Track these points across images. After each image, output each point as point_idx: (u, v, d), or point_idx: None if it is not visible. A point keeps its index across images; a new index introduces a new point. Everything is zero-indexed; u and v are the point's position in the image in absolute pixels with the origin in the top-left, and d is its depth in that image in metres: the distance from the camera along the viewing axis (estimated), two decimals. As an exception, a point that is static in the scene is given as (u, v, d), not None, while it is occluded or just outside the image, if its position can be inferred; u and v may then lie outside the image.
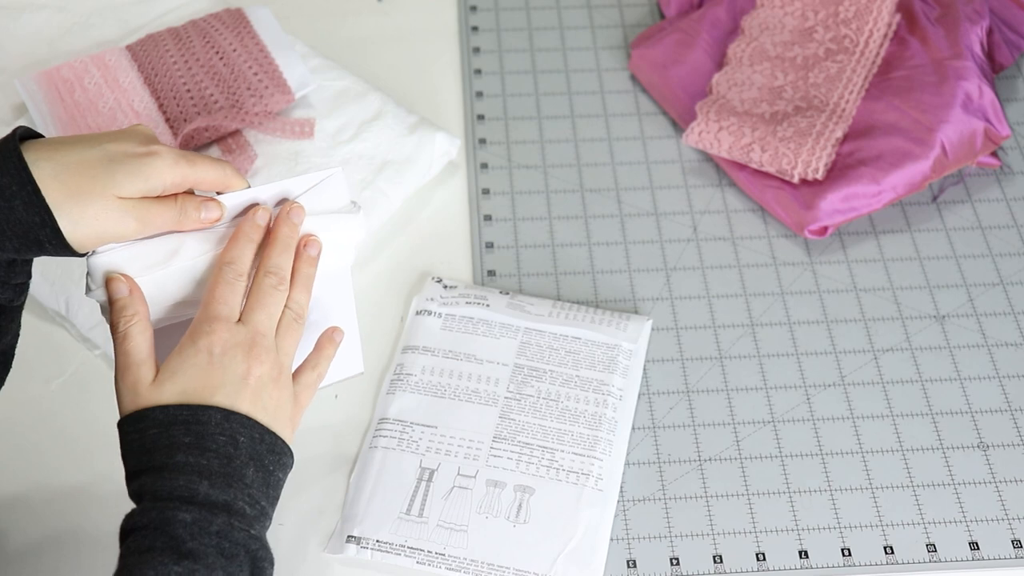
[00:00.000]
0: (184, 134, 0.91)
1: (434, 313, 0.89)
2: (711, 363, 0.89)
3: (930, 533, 0.80)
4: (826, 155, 0.95)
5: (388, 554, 0.77)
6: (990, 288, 0.94)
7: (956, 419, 0.86)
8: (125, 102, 0.94)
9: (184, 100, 0.93)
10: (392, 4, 1.14)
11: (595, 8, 1.14)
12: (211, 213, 0.66)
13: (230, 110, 0.92)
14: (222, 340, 0.63)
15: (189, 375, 0.62)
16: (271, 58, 0.96)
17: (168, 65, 0.95)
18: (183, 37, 0.97)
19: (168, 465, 0.60)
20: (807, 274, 0.94)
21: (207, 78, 0.94)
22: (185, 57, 0.96)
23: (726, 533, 0.80)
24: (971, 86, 0.97)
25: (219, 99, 0.93)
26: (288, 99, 0.95)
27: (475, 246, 0.95)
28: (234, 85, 0.94)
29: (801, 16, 1.06)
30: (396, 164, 0.95)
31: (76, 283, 0.88)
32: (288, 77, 0.95)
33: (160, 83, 0.95)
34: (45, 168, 0.61)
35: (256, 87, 0.94)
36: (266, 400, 0.64)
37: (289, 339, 0.67)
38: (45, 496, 0.81)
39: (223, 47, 0.96)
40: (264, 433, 0.63)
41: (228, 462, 0.60)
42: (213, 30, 0.98)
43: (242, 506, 0.60)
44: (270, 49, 0.97)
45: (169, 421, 0.61)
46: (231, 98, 0.93)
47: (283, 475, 0.65)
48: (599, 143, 1.03)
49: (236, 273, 0.66)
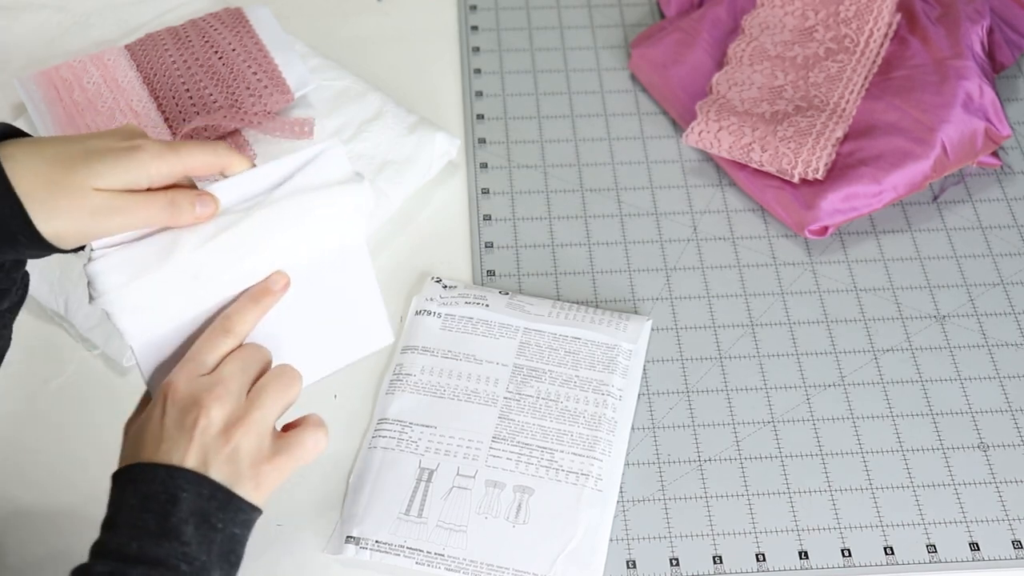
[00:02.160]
0: (182, 134, 0.91)
1: (434, 313, 0.89)
2: (711, 363, 0.89)
3: (930, 534, 0.80)
4: (826, 155, 0.95)
5: (387, 554, 0.77)
6: (990, 288, 0.93)
7: (956, 419, 0.86)
8: (124, 102, 0.94)
9: (183, 100, 0.93)
10: (392, 4, 1.14)
11: (595, 7, 1.14)
12: (206, 208, 0.62)
13: (229, 110, 0.92)
14: (179, 390, 0.60)
15: (143, 430, 0.61)
16: (270, 58, 0.96)
17: (167, 65, 0.95)
18: (182, 37, 0.97)
19: (114, 522, 0.59)
20: (807, 274, 0.94)
21: (206, 78, 0.94)
22: (184, 57, 0.95)
23: (726, 533, 0.80)
24: (972, 86, 0.97)
25: (218, 99, 0.93)
26: (287, 99, 0.94)
27: (475, 246, 0.95)
28: (233, 85, 0.94)
29: (801, 16, 1.06)
30: (396, 164, 0.95)
31: (75, 283, 0.87)
32: (288, 76, 0.95)
33: (159, 83, 0.94)
34: (21, 160, 0.58)
35: (255, 87, 0.94)
36: (222, 453, 0.60)
37: (267, 392, 0.62)
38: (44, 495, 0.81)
39: (222, 47, 0.96)
40: (216, 490, 0.59)
41: (164, 520, 0.58)
42: (212, 30, 0.97)
43: (175, 563, 0.58)
44: (269, 49, 0.97)
45: (125, 480, 0.60)
46: (230, 98, 0.93)
47: (242, 530, 0.62)
48: (599, 143, 1.03)
49: (224, 330, 0.62)
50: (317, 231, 0.68)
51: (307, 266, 0.68)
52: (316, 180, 0.67)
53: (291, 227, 0.66)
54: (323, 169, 0.67)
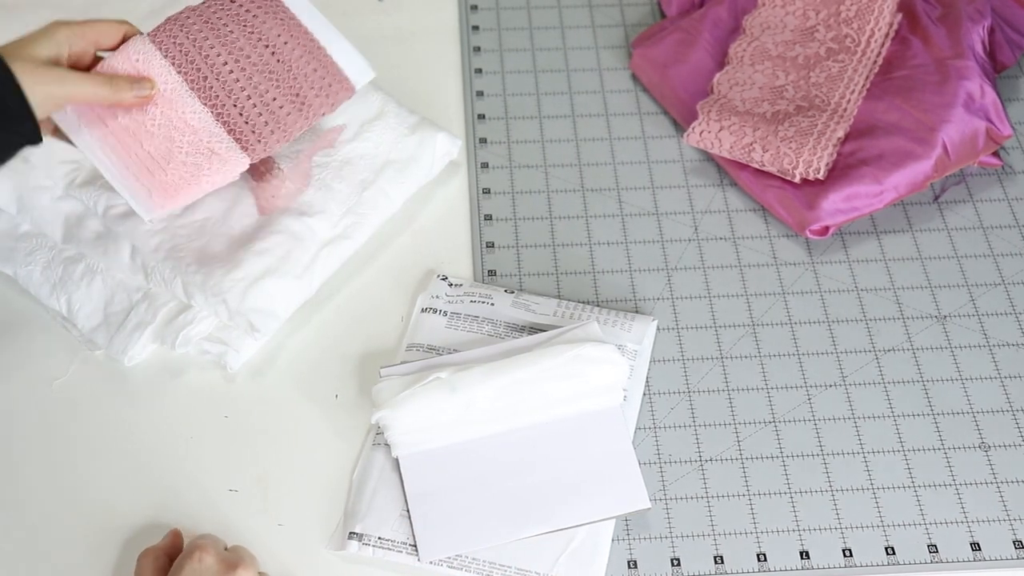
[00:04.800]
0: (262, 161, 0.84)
1: (439, 311, 0.89)
2: (712, 363, 0.89)
3: (931, 534, 0.80)
4: (827, 155, 0.95)
5: (390, 551, 0.77)
6: (991, 288, 0.93)
7: (957, 419, 0.86)
8: (176, 116, 0.82)
9: (248, 109, 0.82)
10: (392, 4, 1.14)
11: (596, 7, 1.14)
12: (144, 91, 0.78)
13: (298, 116, 0.83)
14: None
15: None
16: (322, 47, 0.86)
17: (217, 65, 0.82)
18: (218, 26, 0.84)
19: None
20: (808, 274, 0.94)
21: (263, 79, 0.83)
22: (233, 53, 0.83)
23: (727, 534, 0.80)
24: (973, 86, 0.97)
25: (283, 103, 0.83)
26: (349, 93, 0.86)
27: (476, 246, 0.95)
28: (295, 85, 0.84)
29: (802, 15, 1.06)
30: (398, 164, 0.95)
31: (76, 284, 0.88)
32: (345, 67, 0.86)
33: (211, 88, 0.82)
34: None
35: (318, 84, 0.84)
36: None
37: None
38: (43, 495, 0.81)
39: (270, 39, 0.84)
40: None
41: None
42: (252, 17, 0.85)
43: None
44: (316, 34, 0.86)
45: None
46: (296, 100, 0.83)
47: None
48: (600, 142, 1.03)
49: None
50: (583, 391, 0.81)
51: (569, 419, 0.81)
52: (591, 355, 0.81)
53: (562, 380, 0.80)
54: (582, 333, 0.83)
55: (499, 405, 0.80)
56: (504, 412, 0.80)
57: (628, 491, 0.79)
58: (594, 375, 0.81)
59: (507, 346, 0.84)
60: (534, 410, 0.81)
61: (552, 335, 0.84)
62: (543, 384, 0.81)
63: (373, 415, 0.79)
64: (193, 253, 0.87)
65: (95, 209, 0.89)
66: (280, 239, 0.88)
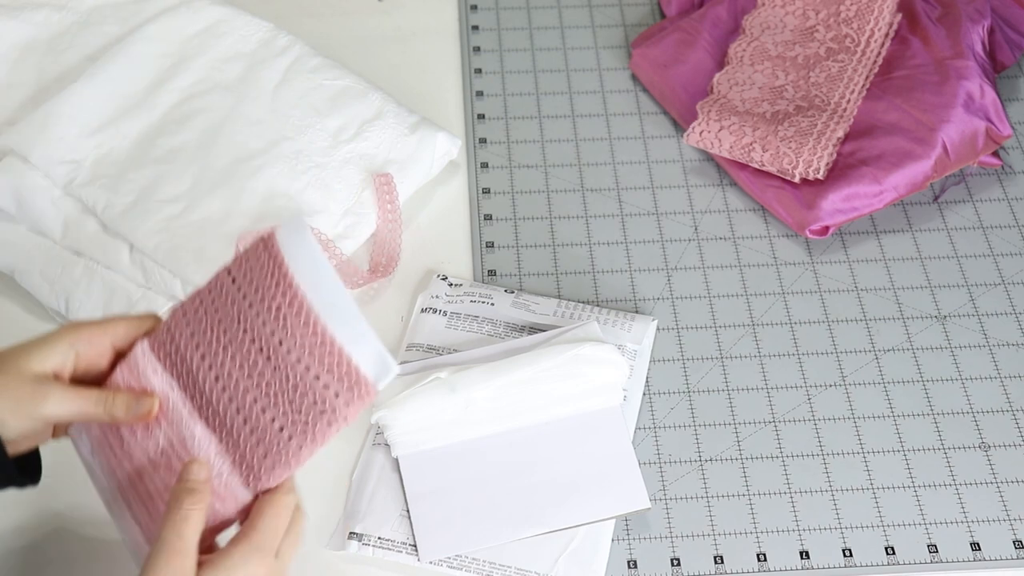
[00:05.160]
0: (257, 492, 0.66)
1: (439, 311, 0.89)
2: (712, 363, 0.89)
3: (931, 534, 0.80)
4: (827, 155, 0.95)
5: (390, 551, 0.77)
6: (991, 288, 0.93)
7: (957, 419, 0.86)
8: (177, 440, 0.66)
9: (245, 435, 0.66)
10: (392, 4, 1.14)
11: (596, 7, 1.14)
12: (142, 409, 0.66)
13: (301, 437, 0.65)
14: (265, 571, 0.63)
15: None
16: (331, 337, 0.65)
17: (207, 376, 0.67)
18: (212, 325, 0.67)
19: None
20: (808, 274, 0.94)
21: (259, 394, 0.65)
22: (223, 362, 0.66)
23: (727, 534, 0.80)
24: (973, 85, 0.97)
25: (282, 423, 0.65)
26: (369, 399, 0.65)
27: (475, 246, 0.95)
28: (295, 400, 0.65)
29: (802, 15, 1.06)
30: (397, 163, 0.95)
31: (76, 283, 0.87)
32: (360, 362, 0.64)
33: (209, 406, 0.67)
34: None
35: (323, 395, 0.64)
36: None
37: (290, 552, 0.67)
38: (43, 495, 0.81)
39: (263, 335, 0.65)
40: None
41: None
42: (247, 305, 0.66)
43: None
44: (325, 319, 0.65)
45: None
46: (296, 419, 0.65)
47: None
48: (600, 142, 1.03)
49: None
50: (583, 391, 0.81)
51: (569, 419, 0.81)
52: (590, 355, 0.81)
53: (561, 380, 0.81)
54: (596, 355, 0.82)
55: (499, 405, 0.80)
56: (504, 412, 0.81)
57: (628, 491, 0.79)
58: (594, 375, 0.81)
59: (507, 346, 0.84)
60: (534, 410, 0.81)
61: (552, 335, 0.84)
62: (543, 384, 0.81)
63: (373, 415, 0.79)
64: (193, 253, 0.87)
65: (95, 209, 0.89)
66: None
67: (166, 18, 1.00)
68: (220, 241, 0.88)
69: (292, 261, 0.66)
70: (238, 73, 0.99)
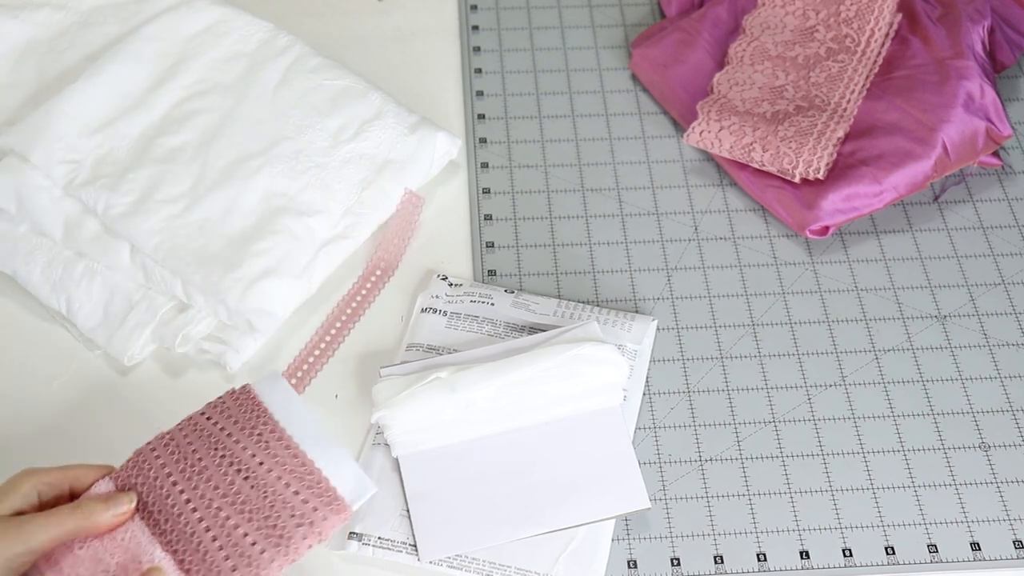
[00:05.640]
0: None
1: (439, 311, 0.89)
2: (712, 363, 0.89)
3: (931, 533, 0.80)
4: (827, 155, 0.95)
5: (390, 551, 0.77)
6: (991, 288, 0.93)
7: (957, 419, 0.86)
8: (133, 568, 0.68)
9: (212, 552, 0.68)
10: (392, 4, 1.14)
11: (596, 7, 1.14)
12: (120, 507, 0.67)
13: (275, 551, 0.68)
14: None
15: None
16: (309, 461, 0.71)
17: (179, 504, 0.69)
18: (187, 454, 0.72)
19: None
20: (808, 274, 0.94)
21: (233, 511, 0.69)
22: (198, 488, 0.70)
23: (727, 533, 0.80)
24: (973, 85, 0.97)
25: (256, 539, 0.68)
26: (344, 516, 0.70)
27: (475, 246, 0.95)
28: (271, 515, 0.68)
29: (802, 15, 1.06)
30: (397, 163, 0.95)
31: (76, 283, 0.87)
32: (338, 484, 0.71)
33: (171, 529, 0.69)
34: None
35: (300, 510, 0.69)
36: None
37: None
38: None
39: (242, 458, 0.71)
40: None
41: None
42: (226, 436, 0.72)
43: None
44: (305, 448, 0.71)
45: None
46: (272, 534, 0.68)
47: None
48: (600, 142, 1.03)
49: None
50: (583, 391, 0.81)
51: (569, 419, 0.81)
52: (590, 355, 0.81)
53: (561, 380, 0.81)
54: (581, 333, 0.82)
55: (499, 405, 0.80)
56: (504, 412, 0.81)
57: (628, 491, 0.79)
58: (594, 375, 0.81)
59: (507, 346, 0.84)
60: (534, 410, 0.81)
61: (552, 335, 0.84)
62: (543, 384, 0.81)
63: (373, 415, 0.80)
64: (193, 253, 0.87)
65: (95, 209, 0.89)
66: (279, 239, 0.88)
67: (166, 18, 1.00)
68: (220, 241, 0.88)
69: (270, 403, 0.73)
70: (238, 73, 0.99)
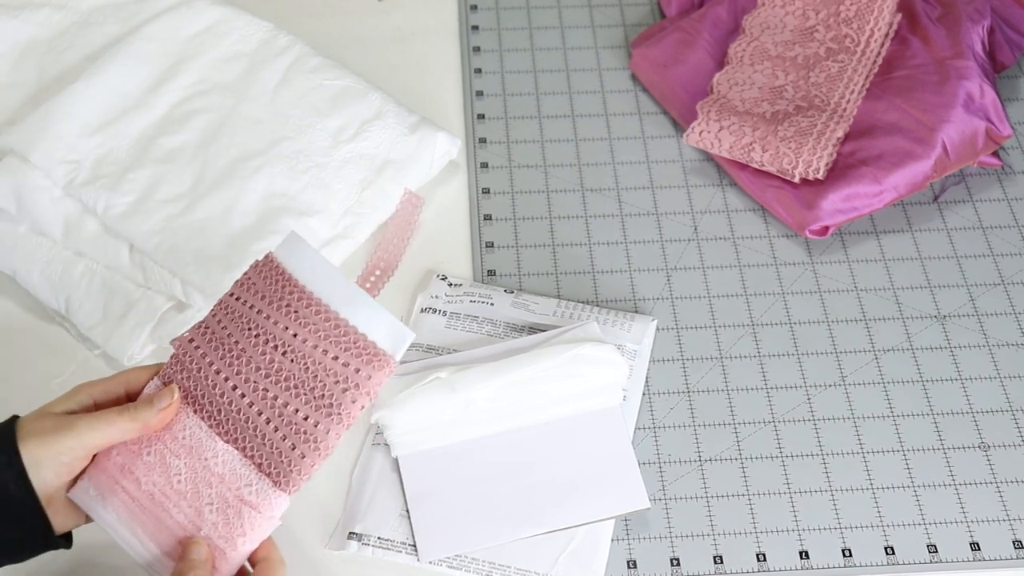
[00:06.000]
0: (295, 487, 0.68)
1: (439, 311, 0.89)
2: (712, 363, 0.89)
3: (931, 534, 0.80)
4: (827, 155, 0.95)
5: (389, 551, 0.77)
6: (991, 288, 0.93)
7: (957, 419, 0.86)
8: (200, 465, 0.68)
9: (270, 435, 0.67)
10: (392, 4, 1.14)
11: (596, 7, 1.14)
12: (163, 402, 0.68)
13: (327, 421, 0.67)
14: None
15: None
16: (342, 320, 0.69)
17: (227, 392, 0.69)
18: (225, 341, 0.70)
19: None
20: (808, 274, 0.94)
21: (280, 390, 0.68)
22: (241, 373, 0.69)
23: (727, 533, 0.80)
24: (973, 86, 0.97)
25: (307, 412, 0.67)
26: (389, 370, 0.68)
27: (475, 246, 0.95)
28: (317, 386, 0.67)
29: (802, 15, 1.06)
30: (397, 163, 0.95)
31: (76, 283, 0.87)
32: (376, 337, 0.68)
33: (227, 419, 0.68)
34: None
35: (344, 375, 0.67)
36: None
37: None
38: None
39: (276, 333, 0.69)
40: None
41: None
42: (256, 313, 0.70)
43: None
44: (335, 307, 0.69)
45: None
46: (321, 405, 0.67)
47: None
48: (599, 142, 1.03)
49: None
50: (583, 391, 0.81)
51: (569, 419, 0.81)
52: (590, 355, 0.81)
53: (561, 380, 0.81)
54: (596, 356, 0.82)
55: (499, 405, 0.80)
56: (504, 412, 0.81)
57: (628, 491, 0.79)
58: (593, 375, 0.81)
59: (507, 346, 0.84)
60: (534, 410, 0.81)
61: (552, 335, 0.84)
62: (542, 384, 0.81)
63: (373, 415, 0.79)
64: (193, 253, 0.87)
65: (95, 209, 0.89)
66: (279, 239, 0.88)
67: (166, 18, 1.00)
68: (220, 241, 0.88)
69: (294, 269, 0.71)
70: (238, 73, 0.99)
